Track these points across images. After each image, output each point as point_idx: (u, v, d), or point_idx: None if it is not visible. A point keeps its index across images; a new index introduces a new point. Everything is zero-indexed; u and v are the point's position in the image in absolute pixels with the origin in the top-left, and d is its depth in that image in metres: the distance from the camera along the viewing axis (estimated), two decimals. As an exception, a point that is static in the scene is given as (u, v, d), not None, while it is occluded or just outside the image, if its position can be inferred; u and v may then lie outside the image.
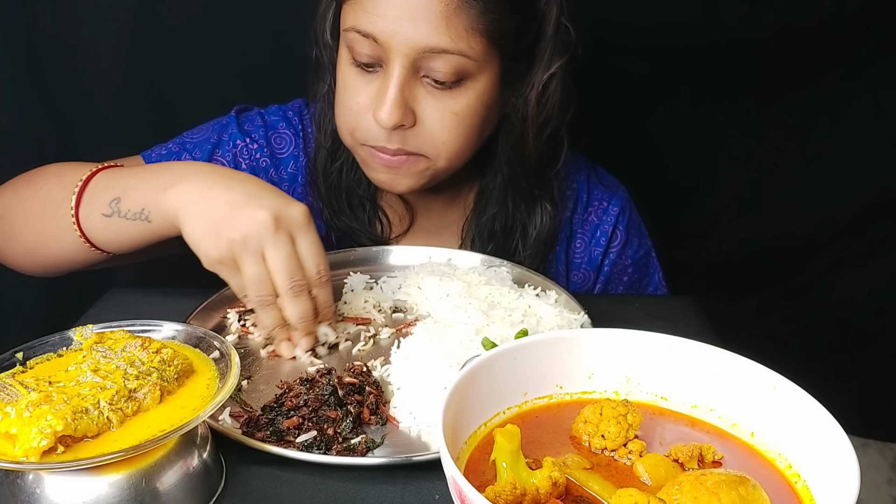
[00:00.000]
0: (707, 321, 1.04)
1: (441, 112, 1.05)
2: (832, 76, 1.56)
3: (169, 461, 0.66)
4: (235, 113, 1.24)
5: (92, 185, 0.99)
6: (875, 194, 1.64)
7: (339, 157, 1.20)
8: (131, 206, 0.95)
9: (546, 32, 1.09)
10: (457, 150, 1.09)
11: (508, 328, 0.90)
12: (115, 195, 0.96)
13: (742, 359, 0.66)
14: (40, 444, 0.60)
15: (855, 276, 1.69)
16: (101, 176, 1.00)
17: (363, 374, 0.86)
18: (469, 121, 1.07)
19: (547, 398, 0.68)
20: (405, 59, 1.00)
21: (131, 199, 0.95)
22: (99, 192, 0.98)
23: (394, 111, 1.02)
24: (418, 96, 1.04)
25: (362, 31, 1.01)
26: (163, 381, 0.69)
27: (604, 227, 1.28)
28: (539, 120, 1.12)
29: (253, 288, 0.88)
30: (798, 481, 0.60)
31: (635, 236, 1.31)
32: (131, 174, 0.98)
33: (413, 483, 0.72)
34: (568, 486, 0.58)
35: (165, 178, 0.93)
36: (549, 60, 1.09)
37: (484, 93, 1.06)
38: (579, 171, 1.30)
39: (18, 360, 0.71)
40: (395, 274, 1.10)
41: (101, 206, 0.97)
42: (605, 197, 1.30)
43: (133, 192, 0.95)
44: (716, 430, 0.66)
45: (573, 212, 1.28)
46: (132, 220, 0.95)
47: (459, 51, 1.00)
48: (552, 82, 1.10)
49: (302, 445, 0.75)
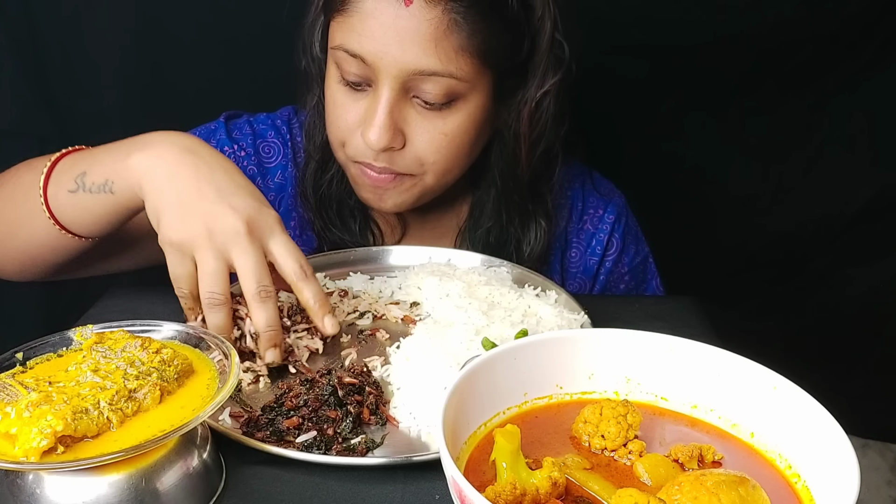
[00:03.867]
0: (707, 321, 1.04)
1: (431, 133, 1.04)
2: (833, 77, 1.57)
3: (169, 461, 0.66)
4: (224, 119, 1.22)
5: (60, 165, 0.96)
6: (875, 195, 1.64)
7: (330, 168, 1.18)
8: (95, 179, 0.91)
9: (540, 47, 1.07)
10: (446, 169, 1.08)
11: (508, 328, 0.90)
12: (82, 170, 0.93)
13: (742, 359, 0.66)
14: (40, 444, 0.60)
15: (855, 277, 1.70)
16: (70, 156, 0.98)
17: (363, 374, 0.86)
18: (459, 140, 1.06)
19: (547, 398, 0.68)
20: (394, 81, 0.99)
21: (96, 171, 0.92)
22: (66, 170, 0.95)
23: (383, 134, 1.01)
24: (408, 117, 1.03)
25: (350, 50, 1.00)
26: (163, 381, 0.69)
27: (599, 235, 1.27)
28: (532, 136, 1.10)
29: (207, 282, 0.84)
30: (798, 481, 0.60)
31: (632, 243, 1.30)
32: (99, 149, 0.95)
33: (413, 483, 0.72)
34: (568, 486, 0.58)
35: (129, 145, 0.90)
36: (543, 77, 1.08)
37: (475, 112, 1.05)
38: (574, 179, 1.28)
39: (18, 360, 0.71)
40: (395, 274, 1.10)
41: (67, 182, 0.94)
42: (601, 205, 1.28)
43: (98, 165, 0.92)
44: (716, 431, 0.66)
45: (568, 221, 1.27)
46: (96, 194, 0.92)
47: (449, 73, 0.99)
48: (546, 99, 1.08)
49: (302, 445, 0.75)
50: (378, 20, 0.97)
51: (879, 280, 1.69)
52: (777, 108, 1.59)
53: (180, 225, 0.84)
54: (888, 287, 1.68)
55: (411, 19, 0.96)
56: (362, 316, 1.01)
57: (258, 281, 0.84)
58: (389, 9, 0.97)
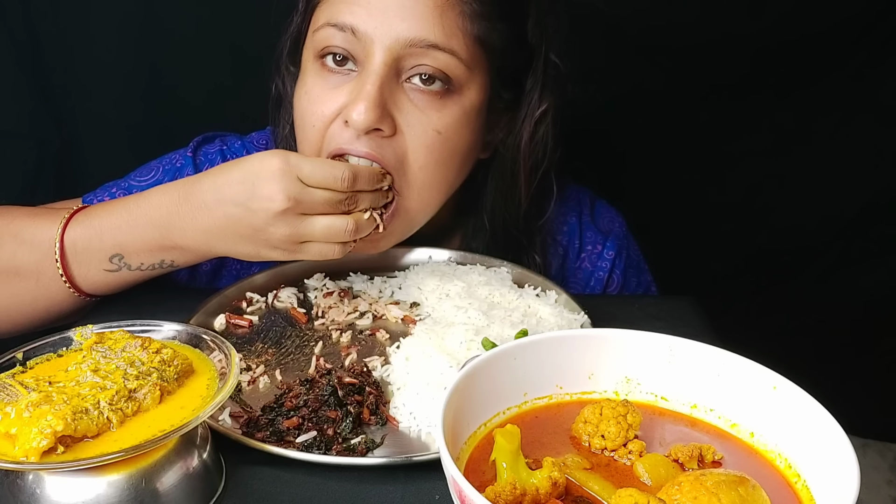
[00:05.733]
0: (707, 321, 1.04)
1: (424, 126, 0.96)
2: (833, 77, 1.57)
3: (169, 461, 0.66)
4: (192, 150, 1.14)
5: (74, 247, 0.94)
6: (876, 195, 1.64)
7: None
8: (143, 260, 0.95)
9: (535, 64, 1.04)
10: (430, 183, 0.99)
11: (508, 328, 0.90)
12: (113, 252, 0.94)
13: (742, 359, 0.66)
14: (40, 444, 0.60)
15: (855, 277, 1.70)
16: (74, 231, 0.95)
17: (363, 375, 0.86)
18: (451, 143, 0.98)
19: (547, 398, 0.68)
20: (388, 54, 0.92)
21: (135, 255, 0.94)
22: (91, 251, 0.94)
23: (370, 108, 0.91)
24: (400, 103, 0.95)
25: (339, 23, 0.93)
26: (163, 381, 0.69)
27: (598, 273, 1.21)
28: (530, 162, 1.06)
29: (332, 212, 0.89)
30: (798, 481, 0.60)
31: (633, 276, 1.25)
32: (113, 226, 0.94)
33: (413, 483, 0.72)
34: (568, 486, 0.58)
35: (158, 226, 0.92)
36: (540, 98, 1.04)
37: (470, 111, 0.99)
38: (570, 212, 1.22)
39: (18, 360, 0.71)
40: (395, 274, 1.10)
41: (100, 263, 0.95)
42: (599, 240, 1.22)
43: (133, 248, 0.94)
44: (716, 430, 0.66)
45: (564, 258, 1.21)
46: (147, 271, 0.96)
47: (450, 48, 0.93)
48: (544, 121, 1.05)
49: (302, 445, 0.75)
50: None
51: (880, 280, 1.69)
52: (778, 108, 1.59)
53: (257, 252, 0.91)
54: (888, 287, 1.68)
55: None
56: (362, 316, 1.01)
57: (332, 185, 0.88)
58: None
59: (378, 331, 0.97)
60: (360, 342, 0.96)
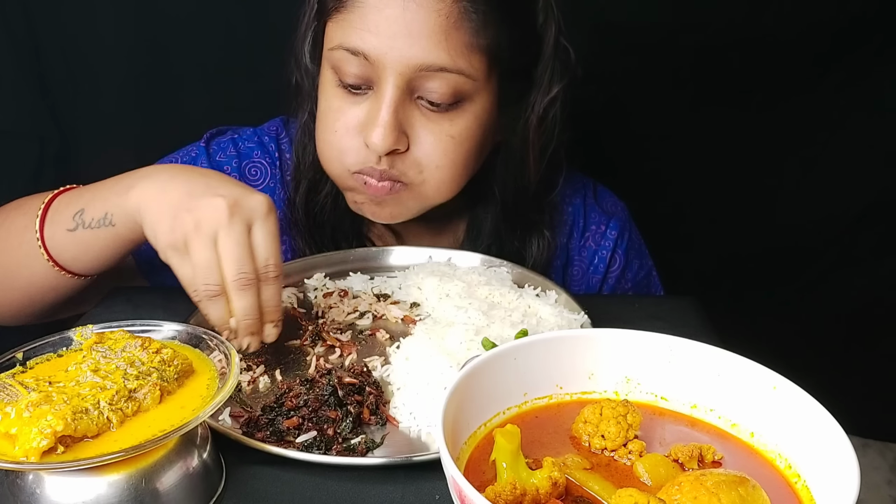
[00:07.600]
0: (707, 321, 1.04)
1: (436, 135, 0.99)
2: (834, 77, 1.57)
3: (169, 461, 0.66)
4: (205, 141, 1.17)
5: (55, 205, 0.95)
6: (876, 196, 1.64)
7: (322, 189, 1.14)
8: (94, 214, 0.91)
9: (544, 53, 1.05)
10: (449, 178, 1.03)
11: (508, 328, 0.90)
12: (79, 207, 0.92)
13: (742, 359, 0.66)
14: (40, 444, 0.60)
15: (855, 277, 1.70)
16: (63, 195, 0.97)
17: (363, 374, 0.86)
18: (466, 145, 1.01)
19: (547, 398, 0.68)
20: (399, 79, 0.95)
21: (95, 207, 0.91)
22: (62, 209, 0.94)
23: (387, 135, 0.95)
24: (412, 118, 0.98)
25: (351, 48, 0.95)
26: (163, 381, 0.69)
27: (601, 252, 1.24)
28: (540, 143, 1.08)
29: (201, 274, 0.81)
30: (798, 481, 0.60)
31: (635, 258, 1.27)
32: (93, 186, 0.95)
33: (413, 483, 0.72)
34: (568, 486, 0.58)
35: (127, 180, 0.90)
36: (549, 83, 1.06)
37: (482, 115, 1.01)
38: (574, 193, 1.26)
39: (18, 360, 0.71)
40: (395, 274, 1.10)
41: (64, 221, 0.93)
42: (603, 220, 1.25)
43: (97, 200, 0.92)
44: (716, 430, 0.66)
45: (569, 237, 1.24)
46: (96, 229, 0.91)
47: (458, 69, 0.95)
48: (554, 105, 1.06)
49: (302, 445, 0.75)
50: (383, 13, 0.94)
51: (880, 280, 1.69)
52: (778, 108, 1.59)
53: (171, 225, 0.82)
54: (888, 287, 1.68)
55: (420, 10, 0.93)
56: (362, 316, 1.01)
57: (238, 265, 0.81)
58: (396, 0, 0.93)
59: (378, 331, 0.97)
60: (360, 342, 0.96)
